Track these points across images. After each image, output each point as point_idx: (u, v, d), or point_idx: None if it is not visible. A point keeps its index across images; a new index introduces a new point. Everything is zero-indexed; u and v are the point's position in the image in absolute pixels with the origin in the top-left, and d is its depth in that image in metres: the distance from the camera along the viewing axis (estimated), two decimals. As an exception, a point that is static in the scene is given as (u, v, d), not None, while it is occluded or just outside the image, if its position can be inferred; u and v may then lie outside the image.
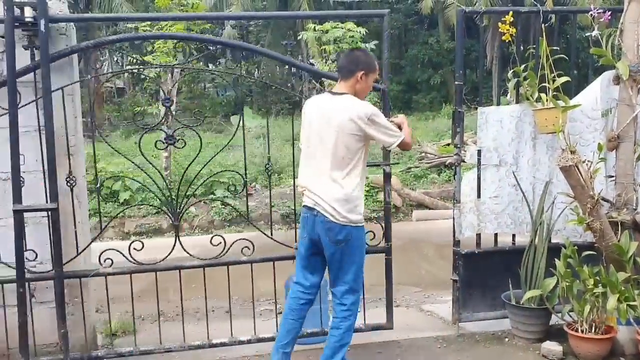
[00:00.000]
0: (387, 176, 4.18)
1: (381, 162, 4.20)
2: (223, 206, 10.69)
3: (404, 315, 5.13)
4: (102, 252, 3.65)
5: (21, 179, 3.38)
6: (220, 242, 3.82)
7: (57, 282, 3.48)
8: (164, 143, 3.78)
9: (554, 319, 4.09)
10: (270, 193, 4.52)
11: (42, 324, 3.61)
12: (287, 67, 28.36)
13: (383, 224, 4.18)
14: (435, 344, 4.11)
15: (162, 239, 9.46)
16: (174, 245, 3.78)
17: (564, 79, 3.91)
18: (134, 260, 3.74)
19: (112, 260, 3.65)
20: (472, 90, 15.55)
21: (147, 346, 3.88)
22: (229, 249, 3.84)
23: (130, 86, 25.65)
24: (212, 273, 3.94)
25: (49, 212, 3.45)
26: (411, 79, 24.58)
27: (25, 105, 3.45)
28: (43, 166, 3.47)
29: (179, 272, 3.90)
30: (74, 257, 3.61)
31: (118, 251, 3.69)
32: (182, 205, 3.88)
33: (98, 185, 3.96)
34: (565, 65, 4.19)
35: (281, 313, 4.46)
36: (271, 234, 4.01)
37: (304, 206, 3.44)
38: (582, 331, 3.68)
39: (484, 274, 4.35)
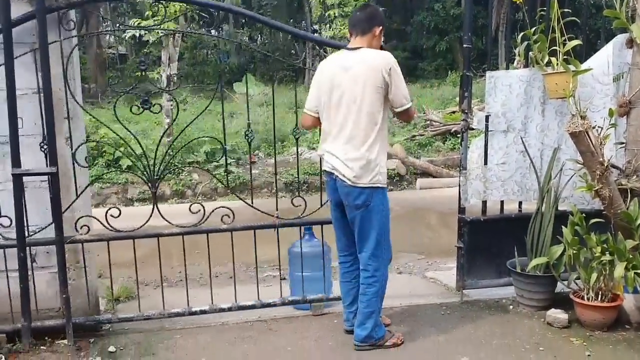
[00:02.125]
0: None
1: None
2: (225, 174, 10.65)
3: (408, 282, 5.14)
4: (78, 219, 3.60)
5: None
6: (200, 210, 3.73)
7: (58, 246, 3.45)
8: (139, 108, 3.60)
9: (559, 287, 4.06)
10: (250, 162, 4.44)
11: (44, 289, 3.60)
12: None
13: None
14: (439, 311, 4.09)
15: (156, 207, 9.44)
16: (152, 212, 3.68)
17: (575, 42, 3.79)
18: (111, 227, 3.67)
19: (88, 227, 3.62)
20: (478, 57, 15.33)
21: (150, 311, 3.86)
22: (207, 217, 3.76)
23: (132, 52, 25.41)
24: (215, 239, 3.90)
25: (49, 176, 3.40)
26: (416, 46, 24.27)
27: (21, 56, 3.35)
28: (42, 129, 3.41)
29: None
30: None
31: (95, 218, 3.68)
32: (160, 172, 3.74)
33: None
34: (574, 32, 4.06)
35: (284, 279, 4.47)
36: (252, 202, 3.95)
37: (324, 171, 3.42)
38: (588, 299, 3.65)
39: (489, 241, 4.31)
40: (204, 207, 3.75)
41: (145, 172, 3.71)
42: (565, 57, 3.79)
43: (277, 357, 3.39)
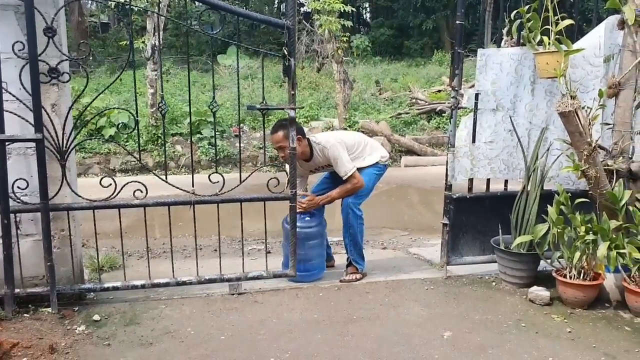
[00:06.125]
0: (292, 120, 3.84)
1: (285, 106, 3.87)
2: (210, 146, 10.58)
3: (392, 257, 5.17)
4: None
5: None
6: (111, 184, 3.59)
7: (42, 214, 3.41)
8: (47, 76, 3.40)
9: (542, 265, 4.12)
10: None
11: (29, 257, 3.56)
12: (276, 6, 27.68)
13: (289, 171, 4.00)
14: (423, 286, 4.14)
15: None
16: (61, 184, 3.51)
17: (568, 21, 3.80)
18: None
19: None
20: (464, 37, 15.29)
21: (137, 281, 3.85)
22: (119, 191, 3.64)
23: (115, 21, 24.95)
24: (198, 213, 3.87)
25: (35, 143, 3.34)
26: (403, 24, 24.15)
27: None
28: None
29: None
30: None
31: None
32: (69, 143, 3.53)
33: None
34: (565, 12, 4.07)
35: (270, 252, 4.48)
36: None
37: (386, 165, 4.41)
38: (571, 277, 3.71)
39: (474, 218, 4.36)
40: (115, 182, 3.61)
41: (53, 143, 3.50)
42: (557, 36, 3.79)
43: (263, 329, 3.40)
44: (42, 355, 3.00)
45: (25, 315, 3.47)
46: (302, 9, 20.89)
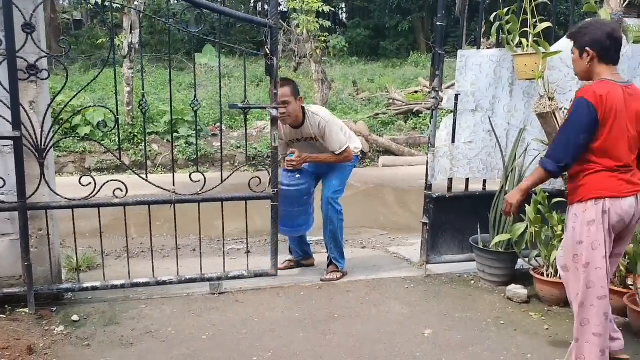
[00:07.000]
0: (274, 120, 3.86)
1: (268, 105, 3.88)
2: (187, 145, 10.50)
3: (371, 256, 5.20)
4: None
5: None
6: (90, 183, 3.54)
7: (20, 213, 3.35)
8: (25, 73, 3.33)
9: (519, 264, 4.19)
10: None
11: (5, 257, 3.50)
12: (252, 5, 27.57)
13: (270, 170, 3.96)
14: (403, 285, 4.17)
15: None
16: (39, 183, 3.44)
17: (546, 24, 3.86)
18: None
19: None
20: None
21: (116, 280, 3.81)
22: (99, 190, 3.57)
23: (89, 19, 24.58)
24: (176, 212, 3.85)
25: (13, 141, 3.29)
26: (379, 25, 24.25)
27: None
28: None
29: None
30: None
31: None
32: (47, 142, 3.45)
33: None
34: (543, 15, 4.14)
35: (250, 252, 4.47)
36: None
37: (358, 156, 4.39)
38: (548, 275, 3.78)
39: (454, 218, 4.41)
40: (95, 180, 3.55)
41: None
42: (535, 39, 3.86)
43: (244, 328, 3.40)
44: (20, 357, 2.96)
45: (1, 316, 3.42)
46: (278, 8, 20.85)
